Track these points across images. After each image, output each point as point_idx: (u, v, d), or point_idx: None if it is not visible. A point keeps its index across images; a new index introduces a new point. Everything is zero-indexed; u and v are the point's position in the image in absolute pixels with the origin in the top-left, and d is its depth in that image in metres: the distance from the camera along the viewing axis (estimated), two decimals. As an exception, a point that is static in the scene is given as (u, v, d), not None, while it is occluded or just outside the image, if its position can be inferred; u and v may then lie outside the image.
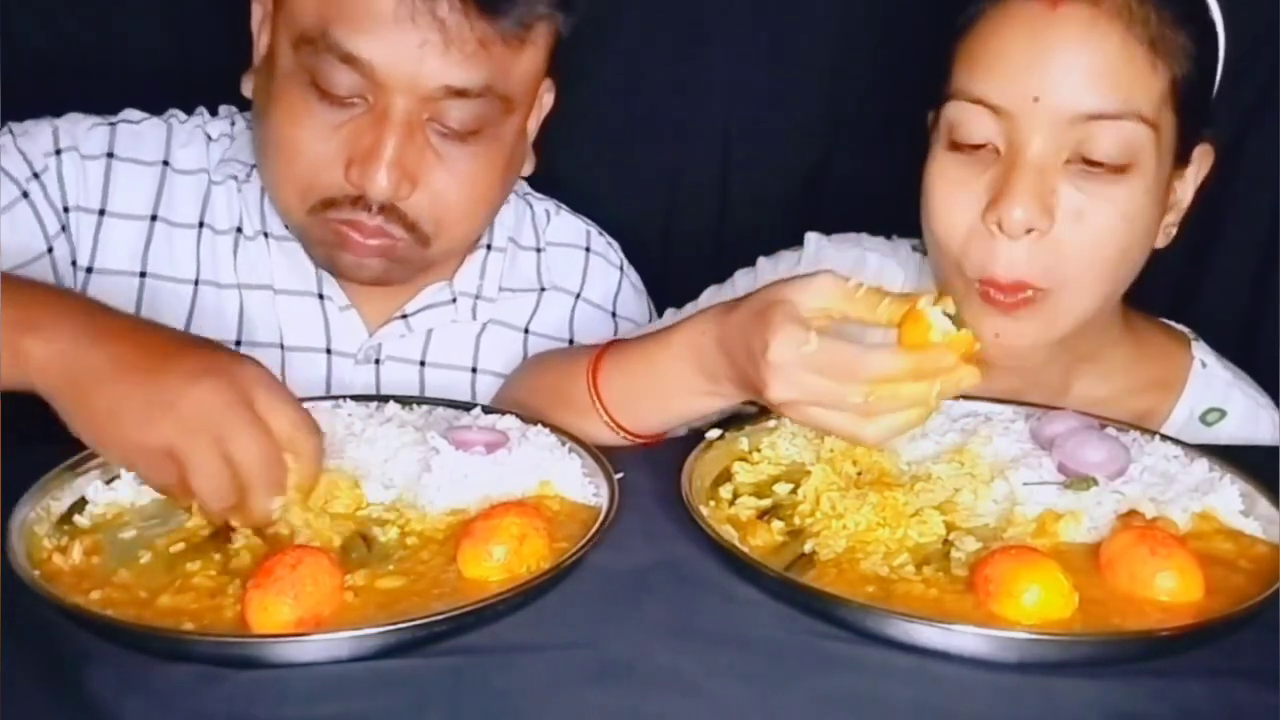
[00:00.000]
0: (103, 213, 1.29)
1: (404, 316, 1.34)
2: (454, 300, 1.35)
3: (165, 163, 1.32)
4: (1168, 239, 1.19)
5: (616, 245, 1.49)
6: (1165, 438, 1.12)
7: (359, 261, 1.21)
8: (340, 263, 1.23)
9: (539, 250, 1.43)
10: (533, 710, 0.81)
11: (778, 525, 1.00)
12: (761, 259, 1.38)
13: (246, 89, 1.26)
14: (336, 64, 1.13)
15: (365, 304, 1.33)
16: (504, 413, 1.13)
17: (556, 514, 1.00)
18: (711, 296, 1.36)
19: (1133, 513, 0.98)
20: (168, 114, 1.36)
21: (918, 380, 0.95)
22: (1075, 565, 0.92)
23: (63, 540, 0.95)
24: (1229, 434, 1.28)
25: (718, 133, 1.59)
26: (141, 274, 1.29)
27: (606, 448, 1.09)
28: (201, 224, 1.31)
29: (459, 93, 1.15)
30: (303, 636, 0.84)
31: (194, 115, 1.37)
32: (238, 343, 1.30)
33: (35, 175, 1.26)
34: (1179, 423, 1.27)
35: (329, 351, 1.33)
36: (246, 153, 1.32)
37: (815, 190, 1.61)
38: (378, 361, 1.34)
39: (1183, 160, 1.16)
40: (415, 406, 1.16)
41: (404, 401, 1.16)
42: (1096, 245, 1.11)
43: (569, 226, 1.46)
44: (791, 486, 1.05)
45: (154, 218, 1.30)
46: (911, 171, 1.18)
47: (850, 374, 0.95)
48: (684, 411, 1.14)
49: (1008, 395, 1.18)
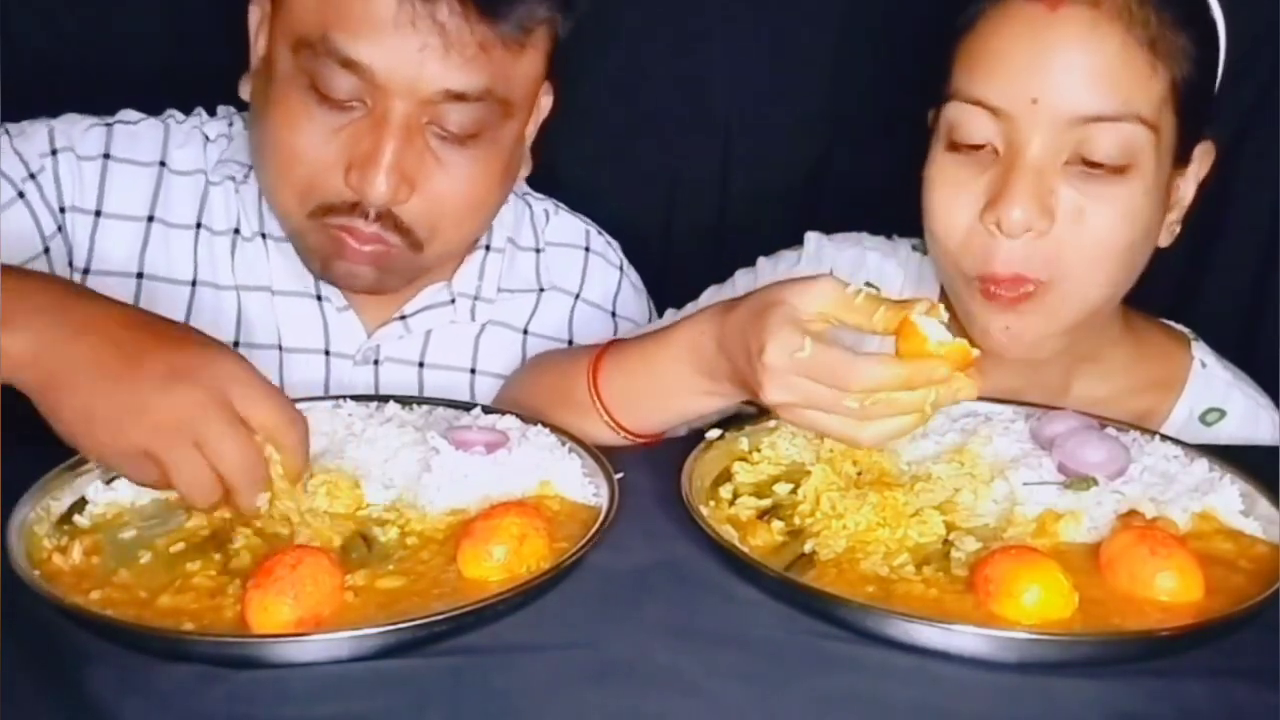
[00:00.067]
0: (98, 214, 1.28)
1: (403, 318, 1.33)
2: (453, 301, 1.35)
3: (162, 163, 1.31)
4: (1171, 237, 1.19)
5: (616, 245, 1.48)
6: (1165, 438, 1.12)
7: (352, 270, 1.21)
8: (334, 270, 1.22)
9: (538, 250, 1.43)
10: (533, 710, 0.81)
11: (778, 525, 1.00)
12: (761, 259, 1.38)
13: (244, 92, 1.26)
14: (336, 68, 1.13)
15: (364, 305, 1.32)
16: (504, 413, 1.13)
17: (556, 514, 1.00)
18: (711, 296, 1.36)
19: (1133, 513, 0.98)
20: (165, 114, 1.35)
21: (910, 389, 0.95)
22: (1075, 565, 0.92)
23: (63, 540, 0.95)
24: (1229, 434, 1.28)
25: (718, 129, 1.59)
26: (139, 275, 1.29)
27: (606, 448, 1.09)
28: (199, 225, 1.31)
29: (458, 96, 1.15)
30: (303, 636, 0.83)
31: (191, 116, 1.36)
32: (236, 344, 1.29)
33: (31, 176, 1.25)
34: (1179, 423, 1.27)
35: (327, 353, 1.32)
36: (244, 153, 1.31)
37: (816, 186, 1.61)
38: (376, 363, 1.34)
39: (1183, 160, 1.16)
40: (415, 406, 1.16)
41: (404, 401, 1.16)
42: (1097, 244, 1.11)
43: (568, 226, 1.46)
44: (791, 486, 1.05)
45: (151, 219, 1.30)
46: (912, 168, 1.18)
47: (843, 381, 0.95)
48: (684, 411, 1.14)
49: (1008, 395, 1.18)
